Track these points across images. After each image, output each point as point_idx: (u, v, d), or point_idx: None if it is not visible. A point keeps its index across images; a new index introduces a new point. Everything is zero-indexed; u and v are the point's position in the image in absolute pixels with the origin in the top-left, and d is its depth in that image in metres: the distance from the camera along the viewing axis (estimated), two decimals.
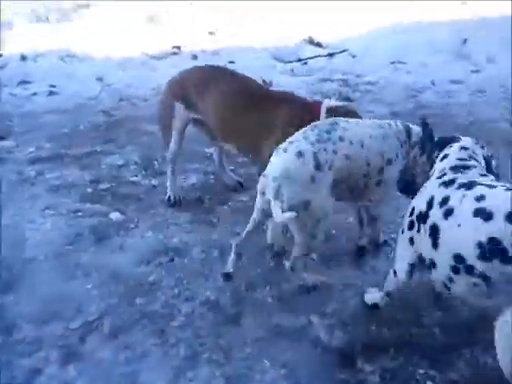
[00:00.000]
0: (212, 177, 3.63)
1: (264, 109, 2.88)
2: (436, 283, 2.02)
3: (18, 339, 2.27)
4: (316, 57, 6.25)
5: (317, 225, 2.36)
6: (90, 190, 3.50)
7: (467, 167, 2.08)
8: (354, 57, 6.30)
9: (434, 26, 6.73)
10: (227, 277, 2.60)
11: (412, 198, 2.21)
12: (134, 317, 2.40)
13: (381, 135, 2.49)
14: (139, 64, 6.34)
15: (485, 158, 2.20)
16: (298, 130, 2.46)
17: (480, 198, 1.82)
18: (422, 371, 2.10)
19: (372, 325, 2.32)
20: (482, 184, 1.91)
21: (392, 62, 6.10)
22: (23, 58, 6.13)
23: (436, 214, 1.94)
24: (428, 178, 2.19)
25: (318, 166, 2.28)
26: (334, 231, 3.00)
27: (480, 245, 1.75)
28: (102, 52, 6.57)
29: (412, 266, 2.14)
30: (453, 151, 2.18)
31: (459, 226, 1.84)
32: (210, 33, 7.27)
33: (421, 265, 2.07)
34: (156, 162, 3.84)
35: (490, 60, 6.13)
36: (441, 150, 2.24)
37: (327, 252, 2.82)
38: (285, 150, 2.32)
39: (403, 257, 2.17)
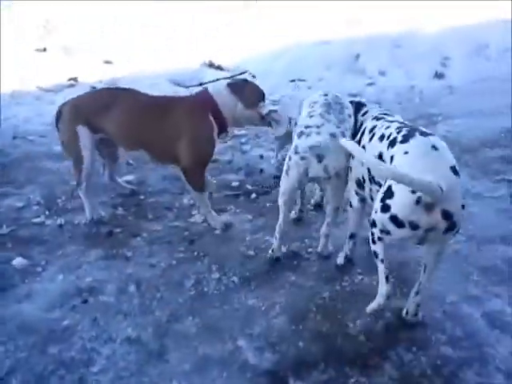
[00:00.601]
0: (120, 209, 3.49)
1: (162, 113, 3.13)
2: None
3: None
4: (217, 80, 6.29)
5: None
6: None
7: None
8: (254, 77, 6.42)
9: (326, 44, 7.05)
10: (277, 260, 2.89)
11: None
12: (48, 368, 2.21)
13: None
14: (34, 98, 6.03)
15: None
16: (198, 123, 3.05)
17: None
18: (353, 380, 2.11)
19: (299, 341, 2.31)
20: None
21: (292, 80, 6.28)
22: None
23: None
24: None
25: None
26: (251, 252, 2.98)
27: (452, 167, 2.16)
28: None
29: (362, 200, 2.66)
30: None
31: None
32: (107, 62, 7.09)
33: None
34: (59, 200, 3.63)
35: (382, 73, 6.53)
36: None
37: (247, 273, 2.80)
38: (318, 133, 2.60)
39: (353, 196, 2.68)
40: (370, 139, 2.51)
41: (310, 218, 3.32)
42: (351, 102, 2.88)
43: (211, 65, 6.78)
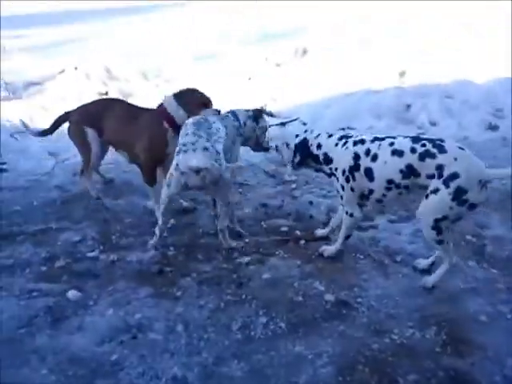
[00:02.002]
0: (172, 248, 3.55)
1: (133, 121, 3.92)
2: (372, 204, 3.15)
3: None
4: (269, 126, 6.42)
5: None
6: (44, 268, 3.34)
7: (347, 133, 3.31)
8: (305, 124, 6.52)
9: (377, 94, 7.10)
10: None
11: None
12: None
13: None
14: None
15: None
16: (154, 127, 3.82)
17: (391, 144, 2.96)
18: None
19: None
20: (383, 138, 3.05)
21: (342, 128, 6.33)
22: None
23: (366, 161, 3.03)
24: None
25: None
26: (300, 298, 2.96)
27: (401, 170, 2.89)
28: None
29: (359, 205, 3.20)
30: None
31: (385, 163, 2.95)
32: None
33: (361, 198, 3.16)
34: (113, 237, 3.74)
35: (433, 123, 6.49)
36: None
37: (295, 320, 2.77)
38: (193, 150, 3.18)
39: (351, 201, 3.18)
40: (374, 160, 3.01)
41: (359, 267, 3.28)
42: (248, 111, 3.82)
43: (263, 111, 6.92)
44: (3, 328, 2.73)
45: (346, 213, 3.22)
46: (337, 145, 3.20)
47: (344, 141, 3.17)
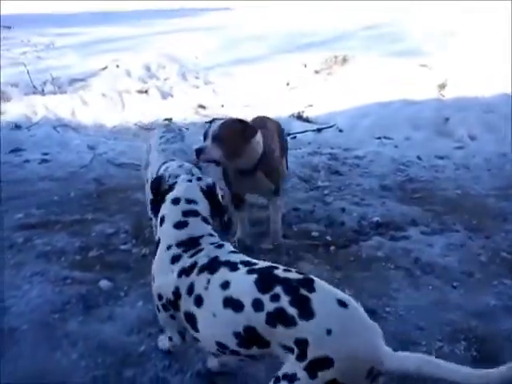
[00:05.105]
0: None
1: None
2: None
3: None
4: (305, 131, 6.43)
5: None
6: (79, 257, 3.44)
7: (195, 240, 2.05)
8: (341, 131, 6.50)
9: (415, 105, 7.02)
10: None
11: None
12: None
13: None
14: (131, 134, 6.47)
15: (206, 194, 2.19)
16: None
17: (225, 286, 1.83)
18: None
19: None
20: (223, 264, 1.92)
21: (378, 138, 6.29)
22: (17, 127, 6.22)
23: (187, 303, 1.92)
24: None
25: None
26: None
27: (237, 335, 1.78)
28: (94, 122, 6.72)
29: (181, 333, 2.18)
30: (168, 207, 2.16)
31: (214, 315, 1.84)
32: (200, 106, 7.49)
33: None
34: (146, 231, 3.81)
35: (472, 137, 6.37)
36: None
37: None
38: None
39: (171, 327, 2.18)
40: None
41: (389, 276, 3.25)
42: None
43: (299, 117, 6.95)
44: (39, 312, 2.81)
45: None
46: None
47: None
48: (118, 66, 8.72)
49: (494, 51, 8.23)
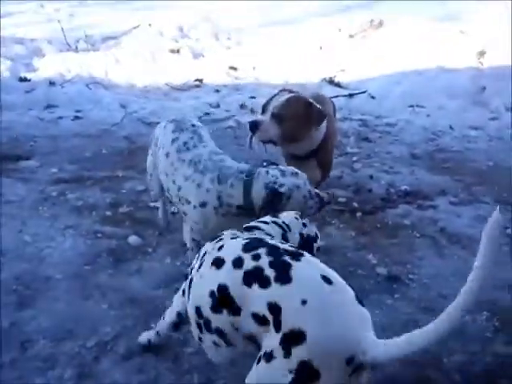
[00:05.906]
0: None
1: None
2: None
3: (33, 355, 2.26)
4: (336, 96, 6.33)
5: None
6: (109, 212, 3.53)
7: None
8: (373, 98, 6.39)
9: (452, 73, 6.82)
10: None
11: None
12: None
13: None
14: (162, 94, 6.49)
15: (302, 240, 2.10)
16: None
17: (220, 248, 1.81)
18: None
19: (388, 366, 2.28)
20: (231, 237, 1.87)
21: (411, 106, 6.16)
22: (51, 83, 6.30)
23: (194, 268, 1.89)
24: None
25: None
26: (351, 268, 2.98)
27: (212, 294, 1.70)
28: (126, 81, 6.76)
29: (179, 316, 2.09)
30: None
31: (201, 277, 1.80)
32: (232, 67, 7.44)
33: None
34: None
35: (508, 109, 6.19)
36: None
37: None
38: None
39: (176, 305, 2.12)
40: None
41: (415, 244, 3.26)
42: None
43: (331, 81, 6.84)
44: (72, 263, 2.94)
45: None
46: None
47: None
48: (150, 25, 8.69)
49: None
